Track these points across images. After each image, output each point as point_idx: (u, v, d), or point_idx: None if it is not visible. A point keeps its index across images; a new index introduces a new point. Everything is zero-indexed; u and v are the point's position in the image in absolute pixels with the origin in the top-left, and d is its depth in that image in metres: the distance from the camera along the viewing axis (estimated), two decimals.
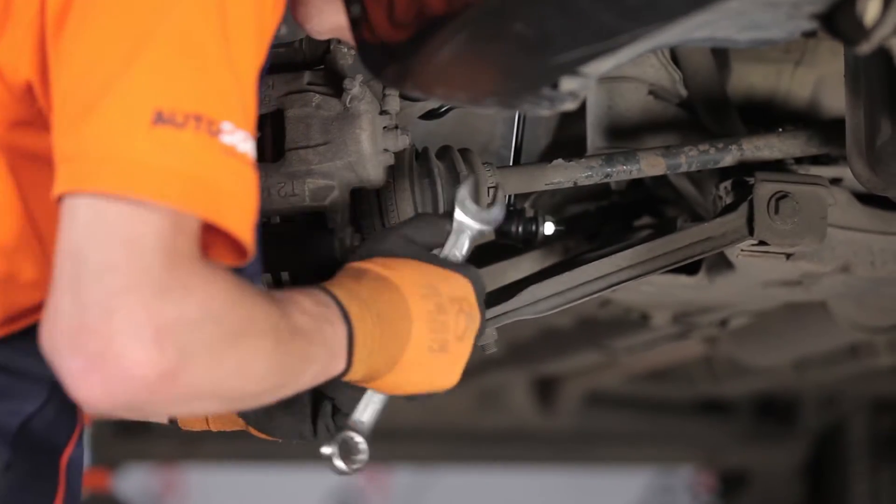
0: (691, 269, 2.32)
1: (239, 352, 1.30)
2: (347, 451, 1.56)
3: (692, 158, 1.96)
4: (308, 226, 1.81)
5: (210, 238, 1.34)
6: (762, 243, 1.92)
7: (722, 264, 2.26)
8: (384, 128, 1.77)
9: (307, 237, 1.80)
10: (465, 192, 1.60)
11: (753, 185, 1.91)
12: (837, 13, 1.33)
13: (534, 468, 5.39)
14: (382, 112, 1.78)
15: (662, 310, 2.82)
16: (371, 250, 1.57)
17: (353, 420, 1.58)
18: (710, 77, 2.12)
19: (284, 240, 1.77)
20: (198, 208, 1.28)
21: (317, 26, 1.63)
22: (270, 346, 1.33)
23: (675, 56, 2.13)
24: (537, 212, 2.11)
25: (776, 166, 2.00)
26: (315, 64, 1.82)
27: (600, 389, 4.47)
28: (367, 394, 1.59)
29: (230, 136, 1.31)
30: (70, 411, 1.55)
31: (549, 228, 2.09)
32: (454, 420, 4.56)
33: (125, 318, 1.23)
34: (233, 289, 1.31)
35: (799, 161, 2.05)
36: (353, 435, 1.57)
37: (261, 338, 1.32)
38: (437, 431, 4.64)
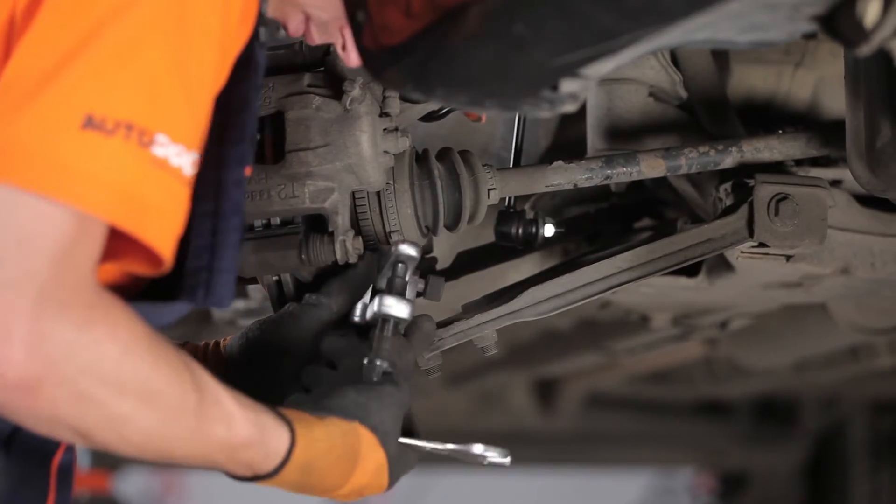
0: (691, 270, 2.32)
1: (117, 403, 1.25)
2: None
3: (692, 160, 1.96)
4: (308, 228, 1.81)
5: (124, 245, 1.32)
6: (762, 245, 1.92)
7: (722, 266, 2.26)
8: (384, 130, 1.77)
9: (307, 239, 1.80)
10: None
11: (753, 186, 1.91)
12: (837, 15, 1.33)
13: (534, 470, 5.39)
14: (382, 114, 1.78)
15: (662, 311, 2.82)
16: (375, 415, 1.65)
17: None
18: (710, 79, 2.12)
19: (285, 242, 1.77)
20: (114, 216, 1.26)
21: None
22: (158, 423, 1.28)
23: (676, 58, 2.13)
24: (537, 214, 2.11)
25: (776, 168, 2.00)
26: (315, 66, 1.82)
27: (600, 391, 4.47)
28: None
29: (163, 148, 1.29)
30: None
31: (549, 230, 2.09)
32: (454, 421, 4.55)
33: (1, 312, 1.19)
34: (133, 337, 1.26)
35: (799, 163, 2.05)
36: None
37: (149, 405, 1.27)
38: (438, 433, 4.63)
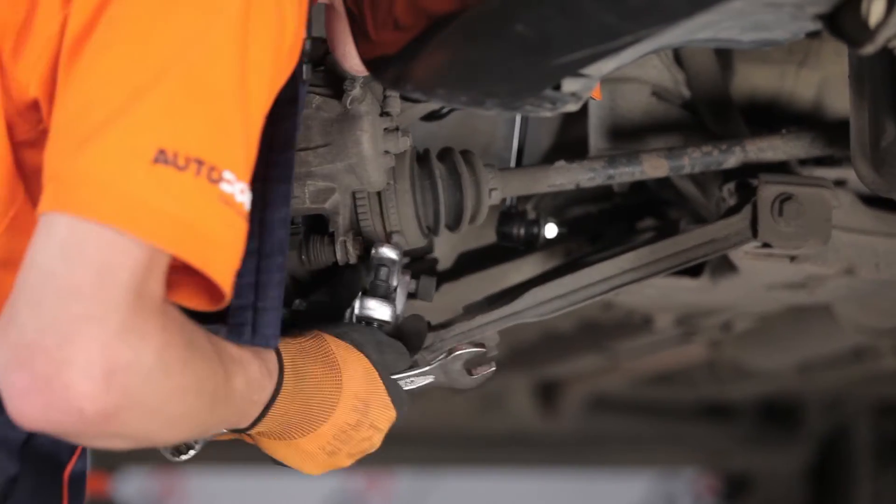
0: (694, 271, 2.31)
1: (175, 407, 1.29)
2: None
3: (695, 160, 1.96)
4: (308, 228, 1.80)
5: (179, 279, 1.33)
6: (766, 245, 1.91)
7: (725, 267, 2.25)
8: (385, 129, 1.76)
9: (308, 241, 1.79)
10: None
11: (757, 186, 1.90)
12: (841, 14, 1.32)
13: (536, 472, 5.39)
14: (383, 113, 1.77)
15: (665, 313, 2.81)
16: (348, 335, 1.64)
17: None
18: (713, 78, 2.11)
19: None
20: (182, 250, 1.27)
21: (356, 66, 1.63)
22: (204, 409, 1.34)
23: (679, 57, 2.12)
24: (539, 214, 2.10)
25: (780, 168, 1.99)
26: (315, 65, 1.81)
27: (603, 393, 4.46)
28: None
29: (230, 185, 1.30)
30: None
31: (551, 231, 2.08)
32: (456, 423, 4.55)
33: (80, 350, 1.21)
34: (188, 344, 1.30)
35: (803, 163, 2.05)
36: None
37: (199, 398, 1.32)
38: (439, 435, 4.63)
